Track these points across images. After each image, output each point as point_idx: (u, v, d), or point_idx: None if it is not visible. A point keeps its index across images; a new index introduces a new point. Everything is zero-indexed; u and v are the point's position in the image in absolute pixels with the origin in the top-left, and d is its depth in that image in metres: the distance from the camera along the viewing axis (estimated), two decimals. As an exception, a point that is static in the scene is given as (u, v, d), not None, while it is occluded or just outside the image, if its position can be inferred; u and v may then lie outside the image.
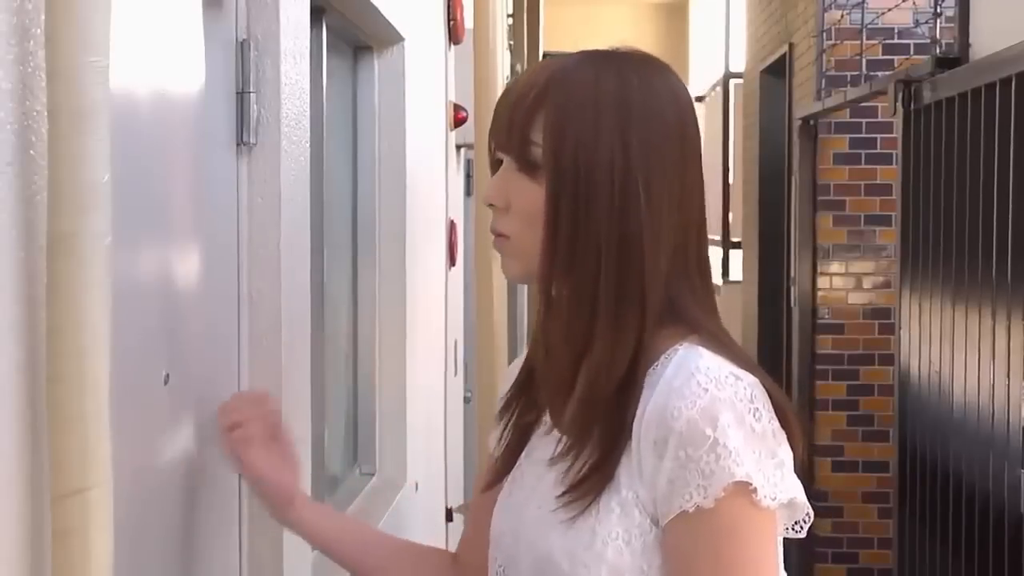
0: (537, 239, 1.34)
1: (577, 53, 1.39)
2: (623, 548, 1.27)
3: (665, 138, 1.33)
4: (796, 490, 1.28)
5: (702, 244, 1.39)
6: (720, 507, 1.23)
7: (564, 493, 1.31)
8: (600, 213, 1.31)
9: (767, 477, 1.24)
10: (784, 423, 1.29)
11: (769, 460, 1.25)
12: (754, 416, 1.25)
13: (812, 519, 1.32)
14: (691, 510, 1.23)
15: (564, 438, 1.35)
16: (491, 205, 1.39)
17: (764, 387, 1.29)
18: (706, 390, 1.25)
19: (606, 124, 1.31)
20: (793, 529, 1.32)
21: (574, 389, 1.35)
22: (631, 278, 1.31)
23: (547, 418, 1.42)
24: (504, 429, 1.47)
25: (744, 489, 1.23)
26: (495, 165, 1.41)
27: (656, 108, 1.34)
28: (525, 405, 1.46)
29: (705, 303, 1.37)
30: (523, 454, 1.45)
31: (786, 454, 1.28)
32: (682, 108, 1.37)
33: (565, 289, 1.34)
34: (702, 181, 1.39)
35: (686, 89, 1.40)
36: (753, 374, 1.29)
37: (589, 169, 1.31)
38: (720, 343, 1.32)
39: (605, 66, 1.35)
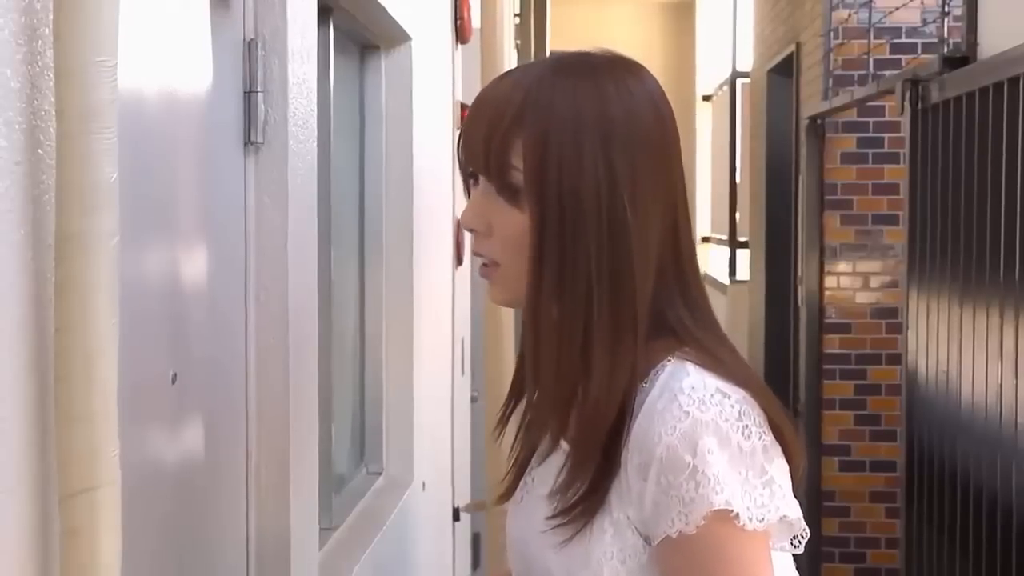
0: (524, 265, 1.29)
1: (549, 62, 1.34)
2: (619, 568, 1.26)
3: (648, 148, 1.29)
4: (788, 508, 1.24)
5: (690, 249, 1.34)
6: (702, 533, 1.20)
7: (554, 517, 1.29)
8: (588, 237, 1.27)
9: (753, 499, 1.22)
10: (779, 438, 1.26)
11: (757, 479, 1.22)
12: (742, 434, 1.22)
13: (808, 536, 1.29)
14: (674, 535, 1.22)
15: (567, 459, 1.31)
16: (471, 230, 1.34)
17: (757, 402, 1.25)
18: (687, 413, 1.22)
19: (588, 143, 1.27)
20: (792, 544, 1.29)
21: (569, 414, 1.31)
22: (624, 301, 1.27)
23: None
24: (515, 436, 1.45)
25: (725, 515, 1.20)
26: (468, 180, 1.36)
27: (637, 117, 1.29)
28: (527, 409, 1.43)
29: (695, 310, 1.32)
30: (534, 457, 1.43)
31: (778, 470, 1.25)
32: (661, 111, 1.33)
33: (555, 317, 1.29)
34: (684, 182, 1.35)
35: (662, 89, 1.35)
36: (745, 388, 1.26)
37: (574, 193, 1.26)
38: (710, 355, 1.28)
39: (582, 78, 1.30)
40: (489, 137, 1.30)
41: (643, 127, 1.30)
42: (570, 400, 1.31)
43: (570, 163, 1.27)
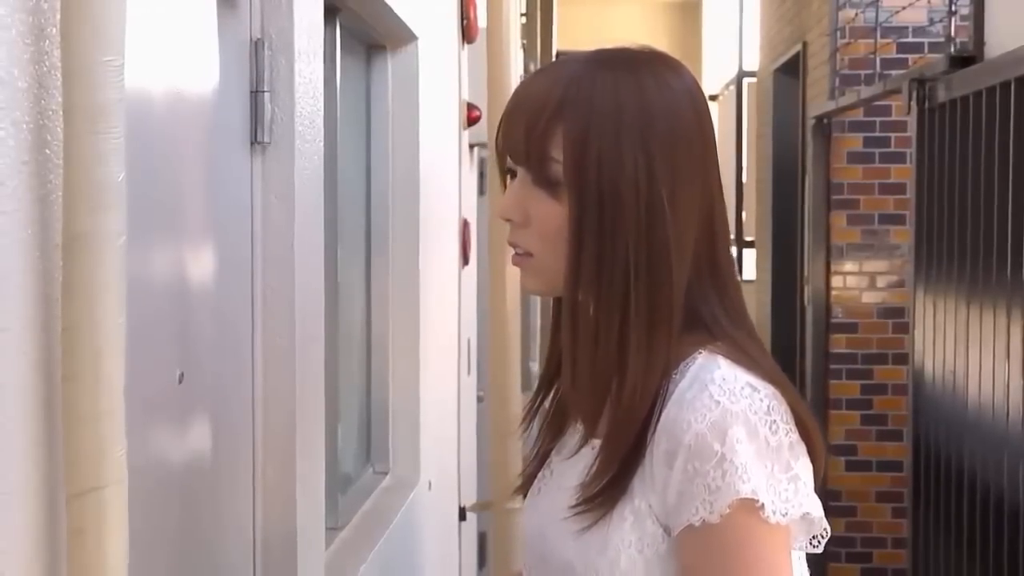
0: (560, 257, 1.30)
1: (589, 56, 1.34)
2: (636, 556, 1.26)
3: (686, 143, 1.30)
4: (811, 505, 1.25)
5: (726, 245, 1.35)
6: (726, 523, 1.21)
7: (577, 505, 1.29)
8: (627, 231, 1.27)
9: (778, 492, 1.22)
10: (805, 436, 1.27)
11: (783, 474, 1.23)
12: (770, 428, 1.23)
13: (829, 535, 1.29)
14: (698, 524, 1.22)
15: (598, 450, 1.31)
16: (508, 220, 1.35)
17: (785, 399, 1.26)
18: (718, 403, 1.22)
19: (628, 137, 1.27)
20: (811, 544, 1.29)
21: (604, 405, 1.32)
22: (660, 296, 1.28)
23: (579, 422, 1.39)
24: (539, 430, 1.45)
25: (751, 505, 1.20)
26: (505, 173, 1.37)
27: (676, 112, 1.30)
28: (553, 403, 1.44)
29: (730, 307, 1.33)
30: (554, 451, 1.43)
31: (803, 468, 1.25)
32: (699, 107, 1.34)
33: (592, 309, 1.30)
34: (720, 178, 1.36)
35: (699, 85, 1.37)
36: (774, 385, 1.26)
37: (614, 186, 1.27)
38: (742, 351, 1.29)
39: (622, 73, 1.30)
40: (529, 129, 1.30)
41: (682, 122, 1.31)
42: (604, 395, 1.31)
43: (610, 157, 1.27)
